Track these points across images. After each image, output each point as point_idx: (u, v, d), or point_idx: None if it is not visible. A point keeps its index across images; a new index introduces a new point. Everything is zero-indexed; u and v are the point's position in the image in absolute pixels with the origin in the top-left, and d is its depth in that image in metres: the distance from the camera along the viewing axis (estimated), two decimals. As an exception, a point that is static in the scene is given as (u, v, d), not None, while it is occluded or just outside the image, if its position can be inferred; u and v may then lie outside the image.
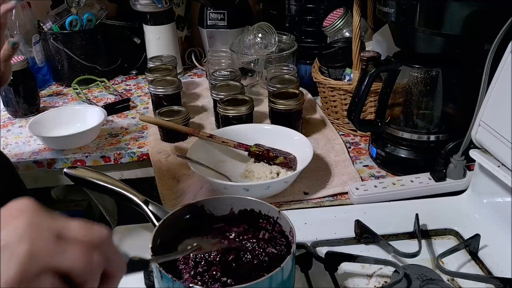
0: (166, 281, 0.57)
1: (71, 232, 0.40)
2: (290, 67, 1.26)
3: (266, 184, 0.90)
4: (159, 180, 1.01)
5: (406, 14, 0.87)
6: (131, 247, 0.78)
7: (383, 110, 0.98)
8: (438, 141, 0.96)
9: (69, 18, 1.45)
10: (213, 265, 0.63)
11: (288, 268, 0.60)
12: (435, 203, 0.89)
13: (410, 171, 0.95)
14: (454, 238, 0.81)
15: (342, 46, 1.18)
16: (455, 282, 0.71)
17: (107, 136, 1.22)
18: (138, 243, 0.65)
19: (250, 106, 1.10)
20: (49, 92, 1.51)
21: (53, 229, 0.40)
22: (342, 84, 1.13)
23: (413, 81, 0.95)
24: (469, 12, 0.82)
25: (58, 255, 0.39)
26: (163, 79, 1.25)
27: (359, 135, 1.17)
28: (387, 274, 0.72)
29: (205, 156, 0.99)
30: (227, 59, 1.38)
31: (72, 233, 0.40)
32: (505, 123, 0.73)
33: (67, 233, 0.40)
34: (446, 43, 0.88)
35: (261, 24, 1.31)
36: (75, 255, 0.39)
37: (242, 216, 0.71)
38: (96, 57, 1.53)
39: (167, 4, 1.46)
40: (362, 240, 0.79)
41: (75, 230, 0.41)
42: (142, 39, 1.55)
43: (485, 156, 0.80)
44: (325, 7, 1.33)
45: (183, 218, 0.68)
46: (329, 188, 0.96)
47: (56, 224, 0.40)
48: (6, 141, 1.21)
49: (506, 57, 0.75)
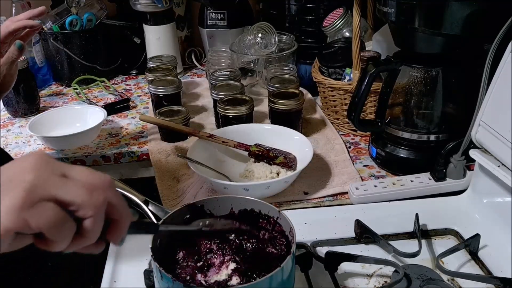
0: (166, 281, 0.57)
1: (75, 173, 0.44)
2: (290, 67, 1.26)
3: (266, 184, 0.90)
4: (159, 180, 1.01)
5: (406, 14, 0.87)
6: (131, 246, 0.78)
7: (383, 110, 0.98)
8: (438, 141, 0.96)
9: (69, 18, 1.45)
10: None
11: (288, 268, 0.60)
12: (435, 203, 0.89)
13: (410, 171, 0.95)
14: (454, 238, 0.81)
15: (342, 46, 1.18)
16: (455, 282, 0.71)
17: (107, 136, 1.22)
18: (138, 242, 0.64)
19: (250, 106, 1.10)
20: (49, 92, 1.51)
21: (59, 167, 0.43)
22: (342, 84, 1.13)
23: (413, 81, 0.95)
24: (469, 12, 0.82)
25: (60, 188, 0.42)
26: (163, 79, 1.25)
27: (359, 135, 1.17)
28: (387, 274, 0.72)
29: (205, 156, 0.99)
30: (227, 59, 1.38)
31: (76, 174, 0.44)
32: (505, 123, 0.73)
33: (71, 173, 0.44)
34: (446, 43, 0.88)
35: (261, 24, 1.31)
36: (76, 190, 0.42)
37: (242, 216, 0.71)
38: (96, 57, 1.53)
39: (167, 4, 1.46)
40: (362, 240, 0.79)
41: (79, 171, 0.44)
42: (142, 39, 1.55)
43: (485, 156, 0.80)
44: (325, 7, 1.33)
45: (183, 218, 0.69)
46: (329, 188, 0.96)
47: (62, 165, 0.44)
48: (6, 141, 1.21)
49: (506, 57, 0.75)
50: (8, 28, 0.86)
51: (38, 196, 0.40)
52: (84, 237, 0.44)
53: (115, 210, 0.45)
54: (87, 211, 0.43)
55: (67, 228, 0.42)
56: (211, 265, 0.65)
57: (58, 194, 0.41)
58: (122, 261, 0.76)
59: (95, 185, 0.44)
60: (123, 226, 0.47)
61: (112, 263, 0.76)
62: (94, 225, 0.43)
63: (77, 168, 0.44)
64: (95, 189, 0.43)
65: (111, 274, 0.74)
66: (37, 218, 0.40)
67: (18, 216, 0.39)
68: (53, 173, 0.42)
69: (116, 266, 0.75)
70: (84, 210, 0.42)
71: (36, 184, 0.41)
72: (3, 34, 0.86)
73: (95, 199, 0.43)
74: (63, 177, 0.43)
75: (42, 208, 0.40)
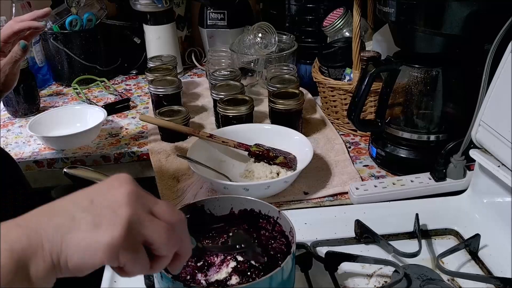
0: (166, 281, 0.57)
1: (160, 209, 0.45)
2: (290, 67, 1.26)
3: (266, 184, 0.90)
4: (159, 180, 1.01)
5: (406, 14, 0.87)
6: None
7: (383, 110, 0.98)
8: (438, 141, 0.96)
9: (69, 18, 1.45)
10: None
11: (288, 268, 0.60)
12: (435, 203, 0.89)
13: (410, 171, 0.95)
14: (454, 238, 0.81)
15: (342, 46, 1.18)
16: (455, 282, 0.71)
17: (107, 136, 1.22)
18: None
19: (250, 106, 1.10)
20: (49, 92, 1.51)
21: (147, 203, 0.45)
22: (342, 84, 1.13)
23: (413, 81, 0.95)
24: (469, 12, 0.82)
25: (149, 228, 0.43)
26: (163, 79, 1.25)
27: (359, 135, 1.17)
28: (387, 274, 0.72)
29: (205, 156, 0.99)
30: (227, 59, 1.38)
31: (161, 211, 0.45)
32: (505, 123, 0.73)
33: (157, 209, 0.45)
34: (446, 43, 0.88)
35: (261, 24, 1.31)
36: (160, 229, 0.44)
37: (242, 216, 0.71)
38: (96, 57, 1.53)
39: (167, 4, 1.46)
40: (362, 240, 0.79)
41: (163, 208, 0.46)
42: (142, 39, 1.55)
43: (485, 156, 0.80)
44: (325, 7, 1.33)
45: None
46: (329, 188, 0.96)
47: (149, 200, 0.45)
48: (6, 141, 1.21)
49: (506, 57, 0.75)
50: (12, 28, 0.87)
51: (133, 237, 0.42)
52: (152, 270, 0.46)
53: (183, 247, 0.48)
54: (163, 251, 0.45)
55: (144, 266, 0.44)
56: (211, 264, 0.65)
57: (148, 234, 0.43)
58: (122, 261, 0.76)
59: (175, 224, 0.46)
60: (184, 260, 0.49)
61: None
62: (165, 261, 0.46)
63: (161, 203, 0.46)
64: (174, 230, 0.45)
65: (111, 274, 0.73)
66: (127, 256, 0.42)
67: (114, 253, 0.41)
68: (144, 208, 0.44)
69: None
70: (161, 250, 0.45)
71: (132, 222, 0.42)
72: (7, 34, 0.86)
73: (173, 240, 0.45)
74: (150, 214, 0.45)
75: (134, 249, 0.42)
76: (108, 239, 0.41)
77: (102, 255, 0.41)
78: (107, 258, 0.41)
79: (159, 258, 0.46)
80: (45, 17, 0.90)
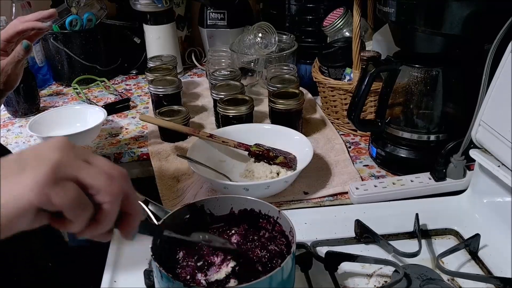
0: (166, 281, 0.57)
1: (96, 160, 0.46)
2: (290, 67, 1.26)
3: (266, 184, 0.90)
4: (159, 180, 1.01)
5: (406, 14, 0.87)
6: (130, 246, 0.78)
7: (383, 109, 0.98)
8: (438, 141, 0.96)
9: (69, 18, 1.45)
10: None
11: (288, 268, 0.60)
12: (435, 203, 0.89)
13: (410, 171, 0.95)
14: (454, 238, 0.81)
15: (342, 46, 1.18)
16: (455, 282, 0.71)
17: (107, 136, 1.22)
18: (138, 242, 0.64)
19: (250, 106, 1.10)
20: (49, 92, 1.51)
21: (82, 153, 0.45)
22: (342, 84, 1.13)
23: (413, 81, 0.95)
24: (469, 12, 0.82)
25: (83, 170, 0.43)
26: (163, 79, 1.25)
27: (359, 135, 1.17)
28: (387, 274, 0.72)
29: (205, 156, 0.99)
30: (227, 58, 1.38)
31: (97, 161, 0.46)
32: (505, 123, 0.73)
33: (93, 160, 0.45)
34: (446, 43, 0.88)
35: (261, 24, 1.31)
36: (97, 175, 0.44)
37: (242, 216, 0.71)
38: (96, 57, 1.53)
39: (167, 4, 1.46)
40: (362, 240, 0.79)
41: (100, 160, 0.46)
42: (142, 38, 1.55)
43: (485, 156, 0.80)
44: (325, 7, 1.33)
45: (183, 218, 0.69)
46: (329, 187, 0.96)
47: (85, 151, 0.46)
48: (6, 141, 1.21)
49: (506, 57, 0.75)
50: (16, 28, 0.86)
51: (62, 174, 0.42)
52: (99, 223, 0.45)
53: (129, 203, 0.47)
54: (105, 197, 0.44)
55: (85, 209, 0.43)
56: (211, 264, 0.65)
57: (81, 175, 0.43)
58: (122, 261, 0.76)
59: (114, 174, 0.45)
60: (135, 220, 0.48)
61: (112, 263, 0.76)
62: (110, 211, 0.45)
63: (99, 157, 0.46)
64: (114, 177, 0.45)
65: (111, 274, 0.74)
66: (60, 195, 0.41)
67: (42, 191, 0.40)
68: (77, 156, 0.44)
69: (116, 266, 0.75)
70: (102, 195, 0.44)
71: (61, 163, 0.42)
72: (11, 33, 0.86)
73: (114, 186, 0.45)
74: (86, 160, 0.44)
75: (65, 187, 0.42)
76: (33, 176, 0.40)
77: (29, 193, 0.40)
78: (35, 196, 0.40)
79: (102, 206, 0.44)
80: (50, 19, 0.89)
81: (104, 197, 0.44)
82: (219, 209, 0.71)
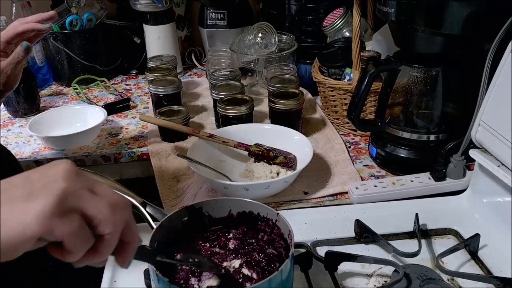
0: (163, 284, 0.57)
1: (101, 188, 0.45)
2: (290, 67, 1.26)
3: (266, 184, 0.90)
4: (159, 180, 1.01)
5: (406, 14, 0.87)
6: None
7: (383, 109, 0.98)
8: (438, 141, 0.96)
9: (69, 18, 1.45)
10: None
11: (286, 270, 0.60)
12: (435, 203, 0.89)
13: (410, 171, 0.95)
14: (454, 238, 0.81)
15: (342, 46, 1.18)
16: (455, 282, 0.71)
17: (107, 136, 1.22)
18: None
19: (250, 105, 1.10)
20: (49, 92, 1.51)
21: (87, 181, 0.45)
22: (342, 84, 1.13)
23: (413, 80, 0.95)
24: (469, 12, 0.82)
25: (87, 201, 0.43)
26: (163, 79, 1.25)
27: (359, 134, 1.17)
28: (387, 274, 0.72)
29: (205, 156, 0.99)
30: (227, 58, 1.38)
31: (102, 191, 0.45)
32: (505, 123, 0.73)
33: (98, 189, 0.45)
34: (446, 43, 0.88)
35: (261, 24, 1.31)
36: (101, 206, 0.44)
37: (241, 218, 0.71)
38: (96, 57, 1.53)
39: (167, 4, 1.46)
40: (362, 239, 0.79)
41: (104, 189, 0.45)
42: (142, 38, 1.55)
43: (485, 155, 0.80)
44: (325, 7, 1.33)
45: (181, 220, 0.68)
46: (329, 187, 0.96)
47: (90, 179, 0.45)
48: (6, 141, 1.21)
49: (506, 57, 0.75)
50: (16, 29, 0.86)
51: (67, 206, 0.41)
52: (97, 252, 0.45)
53: (129, 232, 0.47)
54: (106, 228, 0.44)
55: (86, 241, 0.43)
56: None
57: (85, 207, 0.43)
58: (122, 261, 0.76)
59: (117, 204, 0.45)
60: (133, 249, 0.48)
61: (112, 263, 0.76)
62: (111, 242, 0.45)
63: (103, 185, 0.46)
64: (117, 208, 0.45)
65: (111, 274, 0.73)
66: (63, 228, 0.41)
67: (46, 222, 0.40)
68: (82, 186, 0.43)
69: (116, 266, 0.75)
70: (104, 227, 0.44)
71: (68, 193, 0.42)
72: (11, 34, 0.86)
73: (116, 217, 0.45)
74: (90, 190, 0.44)
75: (69, 219, 0.41)
76: (39, 206, 0.40)
77: (33, 223, 0.40)
78: (39, 227, 0.40)
79: (103, 238, 0.44)
80: (50, 20, 0.89)
81: (106, 228, 0.44)
82: (218, 211, 0.71)
